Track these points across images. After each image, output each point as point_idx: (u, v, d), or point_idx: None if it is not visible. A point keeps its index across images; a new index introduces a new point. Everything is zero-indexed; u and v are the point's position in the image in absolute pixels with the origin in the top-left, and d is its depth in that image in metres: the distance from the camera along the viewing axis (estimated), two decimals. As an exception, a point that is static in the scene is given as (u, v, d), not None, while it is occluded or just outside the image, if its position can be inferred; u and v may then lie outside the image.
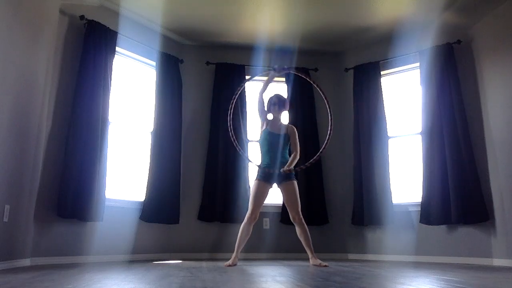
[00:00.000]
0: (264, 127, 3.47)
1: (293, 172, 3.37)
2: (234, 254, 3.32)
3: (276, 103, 3.47)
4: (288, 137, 3.44)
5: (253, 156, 4.47)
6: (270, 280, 2.15)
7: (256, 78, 4.99)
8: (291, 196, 3.32)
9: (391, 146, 4.47)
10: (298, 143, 3.48)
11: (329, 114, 3.50)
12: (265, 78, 4.94)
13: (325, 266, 3.13)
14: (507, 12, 3.70)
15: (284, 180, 3.33)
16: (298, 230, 3.34)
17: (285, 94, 4.83)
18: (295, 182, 3.36)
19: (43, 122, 3.41)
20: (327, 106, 3.51)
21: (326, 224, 4.52)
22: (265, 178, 3.33)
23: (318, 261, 3.22)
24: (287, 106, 3.53)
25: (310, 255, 3.32)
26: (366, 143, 4.49)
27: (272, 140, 3.39)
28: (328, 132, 3.44)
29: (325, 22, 4.36)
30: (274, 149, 3.37)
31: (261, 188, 3.32)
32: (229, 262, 3.24)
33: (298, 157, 3.40)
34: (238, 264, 3.36)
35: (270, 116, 3.53)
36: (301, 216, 3.33)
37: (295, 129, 3.52)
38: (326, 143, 3.41)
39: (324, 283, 2.02)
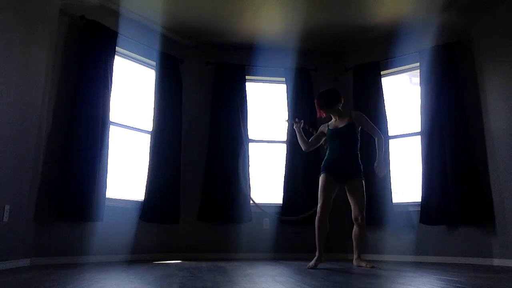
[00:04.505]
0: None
1: (361, 169, 3.19)
2: (317, 253, 3.06)
3: (323, 105, 3.26)
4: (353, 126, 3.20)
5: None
6: (270, 280, 2.15)
7: (256, 78, 5.02)
8: (358, 193, 3.12)
9: (392, 146, 4.46)
10: (372, 125, 3.24)
11: None
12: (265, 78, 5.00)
13: (372, 267, 2.96)
14: (507, 12, 3.70)
15: (352, 177, 3.15)
16: (355, 229, 3.11)
17: (284, 95, 4.83)
18: (363, 181, 3.17)
19: (43, 122, 3.41)
20: None
21: (326, 224, 4.52)
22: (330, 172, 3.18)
23: (364, 263, 3.07)
24: (330, 100, 3.26)
25: (355, 256, 3.13)
26: (366, 142, 4.48)
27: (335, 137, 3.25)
28: None
29: (325, 22, 4.36)
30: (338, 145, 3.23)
31: (326, 180, 3.16)
32: (312, 263, 3.01)
33: (382, 139, 3.22)
34: (239, 264, 3.35)
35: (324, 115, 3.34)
36: (364, 217, 3.10)
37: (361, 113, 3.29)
38: None
39: (324, 283, 2.02)
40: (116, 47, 4.00)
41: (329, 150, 3.27)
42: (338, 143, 3.21)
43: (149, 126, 4.34)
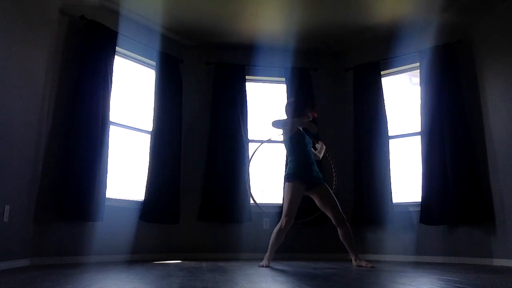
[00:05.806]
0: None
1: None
2: (271, 255, 3.22)
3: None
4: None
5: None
6: (270, 280, 2.15)
7: (256, 78, 5.02)
8: (331, 197, 3.15)
9: (392, 146, 4.46)
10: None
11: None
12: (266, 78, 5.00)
13: (372, 267, 2.98)
14: (507, 12, 3.70)
15: (321, 183, 3.20)
16: (342, 232, 3.10)
17: (284, 95, 4.83)
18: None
19: (43, 122, 3.41)
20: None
21: (326, 224, 4.51)
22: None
23: (364, 262, 3.10)
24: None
25: (353, 257, 3.16)
26: (366, 143, 4.49)
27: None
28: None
29: (325, 22, 4.36)
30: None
31: (296, 192, 3.15)
32: (263, 263, 3.17)
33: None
34: (239, 264, 3.35)
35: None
36: (344, 216, 3.13)
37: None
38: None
39: (324, 283, 2.02)
40: (116, 47, 4.01)
41: (300, 154, 3.21)
42: (309, 148, 3.26)
43: (149, 126, 4.34)
